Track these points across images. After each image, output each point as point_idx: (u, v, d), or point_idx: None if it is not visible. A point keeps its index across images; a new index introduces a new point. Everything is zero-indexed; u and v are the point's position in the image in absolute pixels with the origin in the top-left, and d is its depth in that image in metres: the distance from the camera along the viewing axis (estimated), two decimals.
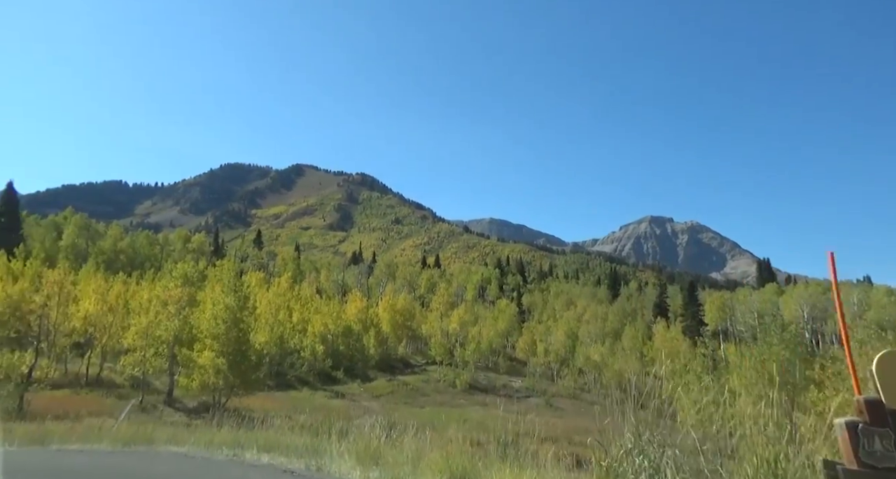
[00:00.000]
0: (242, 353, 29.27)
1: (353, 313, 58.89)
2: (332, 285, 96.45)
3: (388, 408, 39.67)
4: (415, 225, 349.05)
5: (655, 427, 5.58)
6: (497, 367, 63.37)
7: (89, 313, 36.00)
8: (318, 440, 9.06)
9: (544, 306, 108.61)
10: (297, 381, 44.87)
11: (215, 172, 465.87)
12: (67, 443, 9.00)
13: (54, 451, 7.97)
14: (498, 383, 52.85)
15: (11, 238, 52.82)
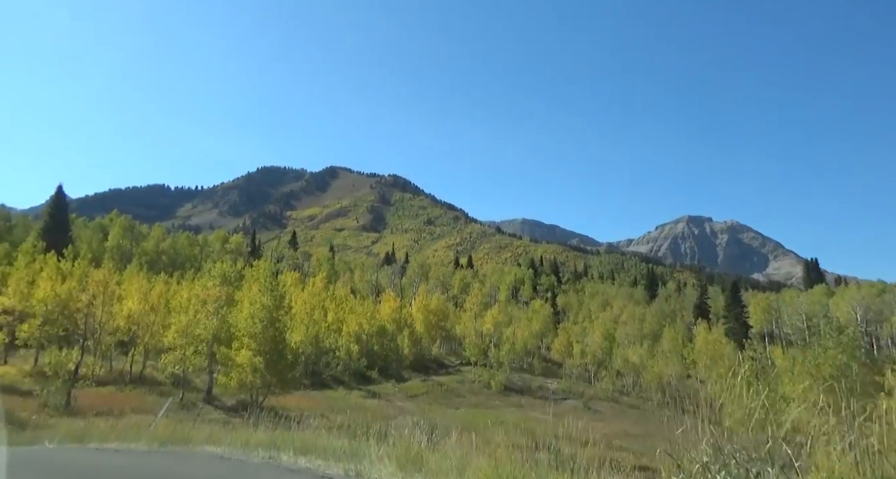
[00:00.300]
0: (279, 352, 29.41)
1: (386, 313, 58.90)
2: (365, 285, 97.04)
3: (422, 408, 39.38)
4: (447, 226, 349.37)
5: (736, 438, 4.98)
6: (532, 368, 62.41)
7: (132, 311, 36.93)
8: (356, 443, 8.68)
9: (579, 306, 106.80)
10: (333, 380, 45.07)
11: (252, 176, 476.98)
12: (106, 441, 8.89)
13: (92, 450, 7.83)
14: (533, 385, 51.95)
15: (61, 240, 54.87)
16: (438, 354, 64.63)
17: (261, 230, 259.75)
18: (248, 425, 24.87)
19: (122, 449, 7.90)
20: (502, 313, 71.16)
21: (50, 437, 9.42)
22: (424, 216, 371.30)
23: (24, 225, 69.83)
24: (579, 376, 59.45)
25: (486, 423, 34.09)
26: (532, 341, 66.82)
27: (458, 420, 34.71)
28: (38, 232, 57.53)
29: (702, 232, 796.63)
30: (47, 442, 8.86)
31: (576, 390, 51.16)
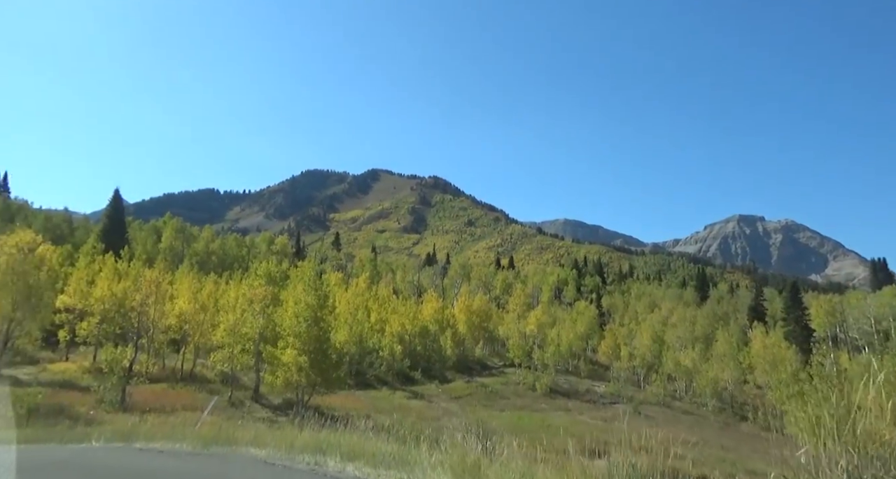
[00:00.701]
0: (323, 351, 29.41)
1: (429, 314, 58.59)
2: (407, 285, 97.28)
3: (467, 410, 38.73)
4: (487, 227, 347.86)
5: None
6: (577, 370, 60.81)
7: (183, 310, 37.87)
8: (405, 449, 8.12)
9: (625, 308, 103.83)
10: (377, 380, 45.02)
11: (297, 179, 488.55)
12: (152, 440, 8.67)
13: (136, 450, 7.60)
14: (580, 388, 50.47)
15: (118, 241, 57.16)
16: (481, 355, 63.86)
17: (305, 233, 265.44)
18: (294, 425, 24.83)
19: (166, 450, 7.62)
20: (546, 314, 69.77)
21: (98, 435, 9.30)
22: (465, 217, 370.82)
23: (85, 228, 73.31)
24: (627, 379, 57.45)
25: (534, 426, 33.13)
26: (577, 343, 65.13)
27: (504, 423, 33.88)
28: (97, 234, 60.14)
29: (754, 232, 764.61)
30: (94, 441, 8.72)
31: (625, 393, 49.39)
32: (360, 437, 9.82)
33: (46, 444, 9.03)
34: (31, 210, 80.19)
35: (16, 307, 25.69)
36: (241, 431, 9.53)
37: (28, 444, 9.21)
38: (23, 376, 32.50)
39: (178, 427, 10.17)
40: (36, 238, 31.32)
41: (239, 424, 25.76)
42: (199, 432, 9.17)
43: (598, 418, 40.04)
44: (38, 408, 22.72)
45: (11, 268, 26.35)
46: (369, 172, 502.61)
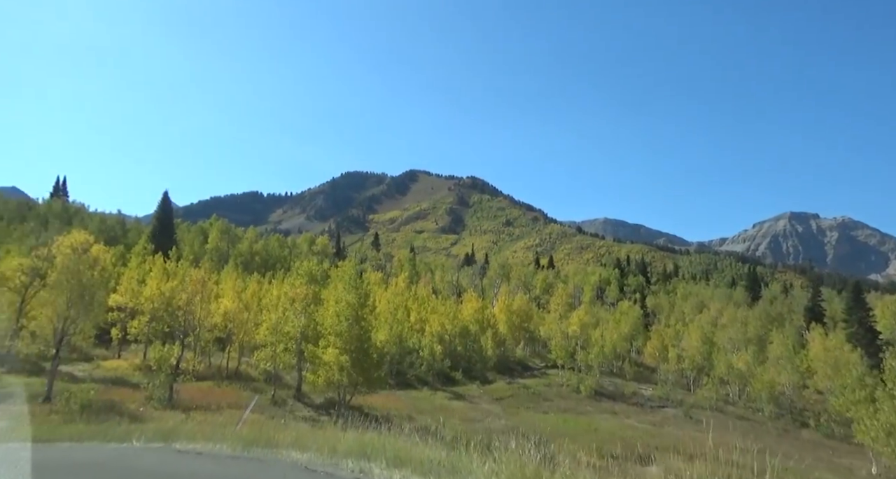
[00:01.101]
0: (364, 350, 29.23)
1: (469, 314, 57.93)
2: (446, 285, 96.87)
3: (509, 412, 37.92)
4: (526, 227, 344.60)
5: None
6: (622, 372, 58.88)
7: (228, 309, 38.49)
8: (455, 455, 7.51)
9: (671, 308, 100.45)
10: (417, 380, 44.71)
11: (337, 181, 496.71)
12: (192, 441, 8.39)
13: (175, 451, 7.29)
14: (626, 391, 48.79)
15: (167, 242, 58.94)
16: (522, 356, 62.77)
17: (345, 234, 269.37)
18: (336, 425, 24.55)
19: (205, 452, 7.28)
20: (588, 315, 68.02)
21: (140, 434, 9.10)
22: (503, 217, 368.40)
23: (136, 229, 76.12)
24: (676, 382, 55.25)
25: (580, 430, 32.05)
26: (621, 344, 63.15)
27: (549, 426, 32.91)
28: (147, 235, 62.22)
29: (807, 229, 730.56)
30: (134, 440, 8.51)
31: (674, 397, 47.45)
32: (406, 441, 9.27)
33: (89, 442, 8.89)
34: (88, 213, 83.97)
35: (70, 306, 26.46)
36: (281, 432, 9.14)
37: (72, 442, 9.10)
38: (78, 373, 33.68)
39: (219, 427, 9.91)
40: (89, 239, 32.31)
41: (281, 422, 25.78)
42: (240, 432, 8.83)
43: (647, 422, 38.49)
44: (90, 404, 23.29)
45: (66, 267, 27.18)
46: (407, 173, 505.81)
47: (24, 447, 6.82)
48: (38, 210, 79.34)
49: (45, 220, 66.94)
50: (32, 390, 26.77)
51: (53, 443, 8.67)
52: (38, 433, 10.55)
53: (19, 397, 18.28)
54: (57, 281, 27.26)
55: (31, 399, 25.39)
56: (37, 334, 27.65)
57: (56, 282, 27.33)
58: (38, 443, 8.96)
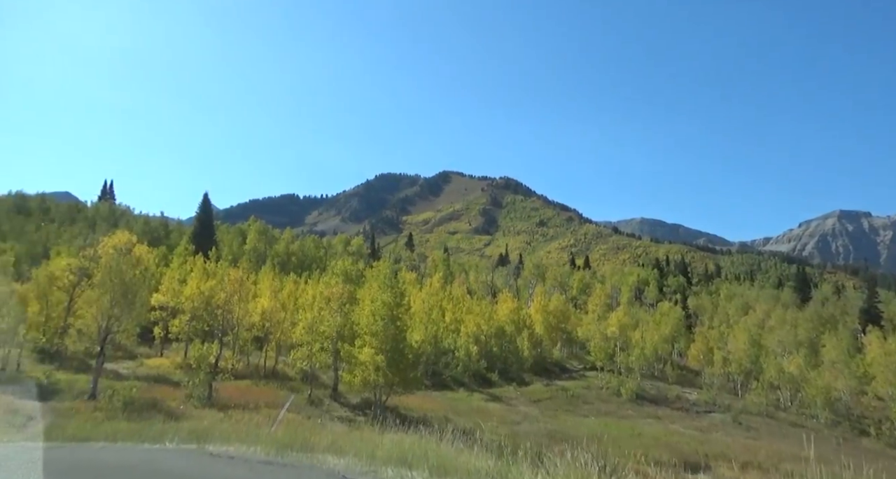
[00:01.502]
0: (400, 351, 28.87)
1: (504, 314, 57.05)
2: (480, 286, 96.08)
3: (547, 415, 36.99)
4: (560, 227, 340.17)
5: None
6: (664, 376, 56.93)
7: (265, 308, 38.81)
8: (504, 465, 6.87)
9: (714, 310, 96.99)
10: (453, 381, 44.18)
11: (371, 183, 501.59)
12: (226, 442, 8.03)
13: (206, 455, 6.93)
14: (669, 394, 47.04)
15: (207, 242, 60.18)
16: (559, 357, 61.47)
17: (379, 235, 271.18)
18: (374, 426, 24.15)
19: (238, 456, 6.88)
20: (627, 316, 66.12)
21: (174, 434, 8.82)
22: (537, 218, 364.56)
23: (178, 231, 78.23)
24: (721, 386, 53.07)
25: (623, 435, 30.87)
26: (663, 346, 61.16)
27: (590, 430, 31.84)
28: (188, 236, 63.72)
29: (858, 228, 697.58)
30: (167, 441, 8.23)
31: (721, 402, 45.49)
32: (449, 447, 8.68)
33: (123, 443, 8.65)
34: (133, 215, 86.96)
35: (113, 304, 26.96)
36: (318, 434, 8.70)
37: (107, 441, 8.90)
38: (122, 371, 34.46)
39: (254, 428, 9.56)
40: (132, 239, 33.05)
41: (318, 423, 25.61)
42: (275, 435, 8.42)
43: (693, 427, 36.89)
44: (132, 402, 23.62)
45: (110, 267, 27.74)
46: (440, 174, 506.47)
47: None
48: (87, 213, 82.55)
49: (93, 222, 69.44)
50: (79, 387, 27.46)
51: (87, 443, 8.46)
52: (77, 431, 10.48)
53: (31, 392, 18.34)
54: (101, 280, 27.85)
55: (77, 396, 26.02)
56: (83, 332, 28.30)
57: (100, 281, 27.92)
58: (73, 443, 8.80)
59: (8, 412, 22.07)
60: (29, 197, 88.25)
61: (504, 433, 28.42)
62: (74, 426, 19.17)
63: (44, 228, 65.63)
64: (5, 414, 21.79)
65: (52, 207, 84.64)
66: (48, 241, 58.00)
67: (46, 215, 77.52)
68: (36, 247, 54.56)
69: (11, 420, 21.20)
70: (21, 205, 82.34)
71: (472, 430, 26.87)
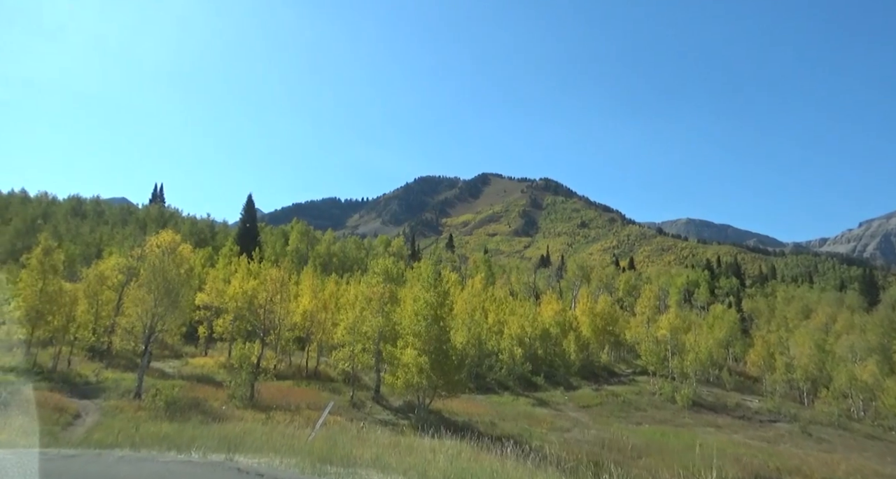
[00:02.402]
0: (444, 352, 27.72)
1: (549, 316, 55.18)
2: (522, 287, 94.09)
3: (598, 421, 35.08)
4: (602, 228, 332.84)
5: None
6: (720, 382, 53.74)
7: (307, 308, 38.43)
8: None
9: (771, 313, 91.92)
10: (497, 385, 42.73)
11: (410, 186, 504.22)
12: (257, 454, 7.01)
13: (233, 470, 5.92)
14: (728, 402, 44.14)
15: (250, 243, 60.82)
16: (607, 361, 59.05)
17: (419, 237, 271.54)
18: (418, 431, 22.95)
19: (268, 472, 5.82)
20: (679, 318, 62.96)
21: (202, 442, 7.89)
22: (578, 219, 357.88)
23: (224, 232, 79.77)
24: (784, 394, 49.62)
25: (682, 445, 28.75)
26: (717, 351, 57.88)
27: (646, 439, 29.85)
28: (233, 237, 64.62)
29: None
30: (194, 451, 7.29)
31: (786, 411, 42.32)
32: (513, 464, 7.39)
33: (147, 450, 7.78)
34: (181, 217, 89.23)
35: (157, 303, 26.89)
36: (360, 446, 7.57)
37: (132, 449, 8.06)
38: (168, 370, 34.65)
39: (290, 438, 8.55)
40: (176, 238, 33.10)
41: (360, 426, 24.70)
42: (313, 445, 7.34)
43: (758, 438, 34.21)
44: (174, 401, 23.31)
45: (154, 266, 27.74)
46: (480, 176, 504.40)
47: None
48: (138, 215, 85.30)
49: (144, 224, 71.46)
50: (125, 385, 27.54)
51: (108, 451, 7.64)
52: (103, 437, 9.76)
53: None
54: (146, 279, 27.88)
55: (123, 395, 26.03)
56: (128, 330, 28.39)
57: (145, 280, 27.96)
58: (94, 449, 8.01)
59: (55, 411, 22.11)
60: (85, 201, 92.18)
61: (555, 441, 26.84)
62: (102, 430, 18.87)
63: (98, 229, 67.90)
64: (52, 412, 21.84)
65: (106, 210, 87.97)
66: (101, 242, 59.83)
67: (101, 218, 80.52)
68: (90, 248, 56.30)
69: (58, 419, 21.20)
70: (77, 208, 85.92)
71: (522, 436, 25.23)
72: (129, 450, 7.74)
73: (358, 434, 11.09)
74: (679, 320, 62.01)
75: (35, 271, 30.23)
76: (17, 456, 6.54)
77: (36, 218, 68.40)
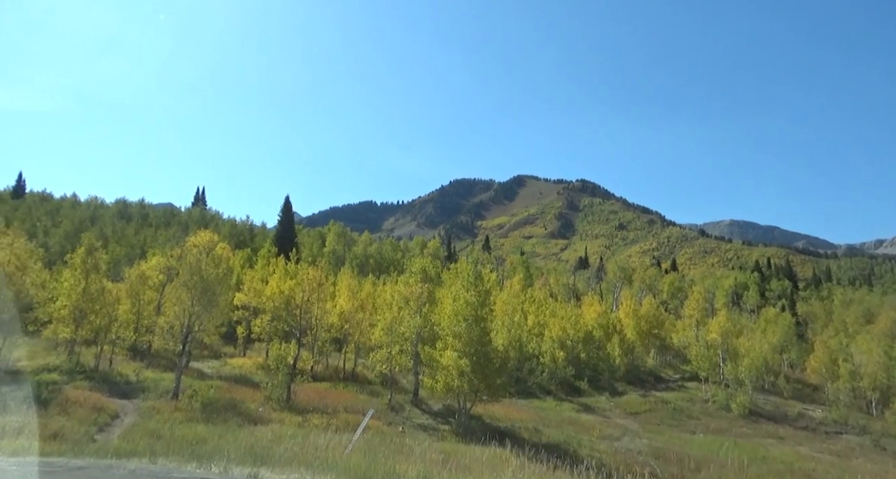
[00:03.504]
0: (485, 354, 26.44)
1: (591, 318, 53.12)
2: (561, 289, 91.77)
3: (648, 429, 33.11)
4: (641, 230, 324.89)
5: None
6: (776, 389, 50.51)
7: (343, 309, 37.79)
8: None
9: (828, 317, 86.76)
10: (539, 389, 41.13)
11: (445, 189, 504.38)
12: (284, 470, 5.97)
13: None
14: (789, 411, 41.28)
15: (288, 244, 60.97)
16: (653, 365, 56.47)
17: (454, 240, 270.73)
18: (459, 435, 21.66)
19: None
20: (730, 322, 59.74)
21: (225, 454, 6.92)
22: (616, 221, 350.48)
23: (262, 234, 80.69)
24: (849, 403, 46.10)
25: (746, 458, 26.59)
26: (773, 357, 54.54)
27: (703, 450, 27.79)
28: (272, 239, 65.04)
29: None
30: (215, 464, 6.32)
31: (853, 421, 39.21)
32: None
33: (164, 461, 6.85)
34: (221, 219, 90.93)
35: (194, 302, 26.60)
36: (403, 461, 6.43)
37: (149, 460, 7.16)
38: (207, 370, 34.50)
39: (324, 449, 7.50)
40: (214, 238, 33.01)
41: (399, 431, 23.64)
42: (349, 459, 6.24)
43: (826, 451, 31.57)
44: (210, 402, 22.80)
45: (191, 265, 27.51)
46: (515, 178, 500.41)
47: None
48: (181, 217, 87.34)
49: (186, 226, 72.79)
50: (164, 385, 27.32)
51: (123, 460, 6.75)
52: (122, 444, 8.95)
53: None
54: (184, 278, 27.67)
55: (162, 395, 25.77)
56: (165, 329, 28.22)
57: (183, 279, 27.76)
58: (109, 459, 7.16)
59: (94, 410, 21.87)
60: (130, 204, 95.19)
61: (605, 451, 25.19)
62: (137, 432, 18.31)
63: (142, 231, 69.56)
64: (91, 412, 21.61)
65: (151, 213, 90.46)
66: (146, 243, 61.08)
67: (145, 220, 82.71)
68: (134, 249, 57.47)
69: (96, 419, 20.93)
70: (123, 211, 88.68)
71: (569, 445, 23.55)
72: (147, 461, 6.86)
73: (400, 447, 9.95)
74: (730, 324, 58.88)
75: (78, 270, 30.48)
76: (19, 467, 5.68)
77: (84, 221, 70.58)
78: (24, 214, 71.62)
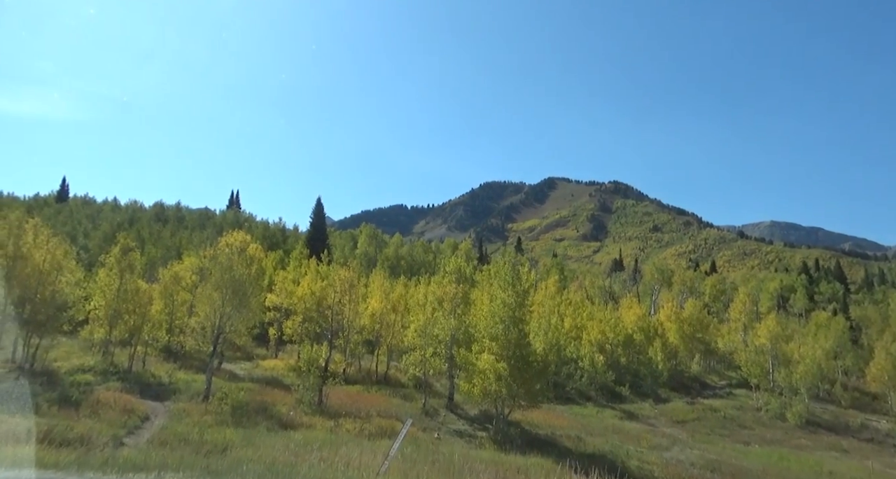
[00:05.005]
0: (524, 358, 25.06)
1: (631, 321, 51.01)
2: (597, 291, 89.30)
3: (697, 439, 31.09)
4: (676, 232, 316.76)
5: None
6: (833, 398, 47.42)
7: (375, 310, 36.95)
8: None
9: (884, 321, 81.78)
10: (578, 394, 39.43)
11: (476, 192, 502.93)
12: None
13: None
14: (851, 422, 38.46)
15: (319, 246, 60.80)
16: (698, 371, 53.87)
17: (485, 243, 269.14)
18: (497, 443, 20.24)
19: None
20: (779, 326, 56.57)
21: (248, 467, 5.86)
22: (650, 223, 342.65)
23: (294, 236, 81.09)
24: None
25: (808, 473, 24.46)
26: (827, 363, 51.28)
27: (760, 462, 25.71)
28: (304, 240, 65.02)
29: None
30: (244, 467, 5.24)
31: None
32: None
33: (174, 476, 5.84)
34: (255, 221, 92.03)
35: (225, 302, 26.07)
36: None
37: (157, 473, 6.19)
38: (239, 372, 34.10)
39: (355, 468, 6.41)
40: (246, 238, 32.53)
41: (436, 437, 22.41)
42: None
43: None
44: (240, 405, 22.08)
45: (223, 265, 27.02)
46: (545, 180, 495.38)
47: None
48: (216, 220, 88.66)
49: (221, 228, 73.47)
50: (195, 387, 26.84)
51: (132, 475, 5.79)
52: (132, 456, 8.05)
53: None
54: (215, 278, 27.21)
55: (193, 397, 25.25)
56: (196, 330, 27.79)
57: (215, 279, 27.30)
58: (113, 475, 6.21)
59: (124, 412, 21.39)
60: (167, 207, 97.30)
61: (656, 462, 23.45)
62: (165, 435, 17.59)
63: (178, 234, 70.56)
64: (121, 414, 21.13)
65: (187, 216, 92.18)
66: (181, 245, 61.77)
67: (181, 223, 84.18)
68: (170, 251, 58.14)
69: (126, 421, 20.41)
70: (160, 214, 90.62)
71: (616, 455, 21.76)
72: (154, 474, 5.87)
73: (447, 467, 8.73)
74: (780, 328, 55.78)
75: (113, 270, 30.45)
76: None
77: (123, 223, 72.07)
78: (67, 218, 73.65)
